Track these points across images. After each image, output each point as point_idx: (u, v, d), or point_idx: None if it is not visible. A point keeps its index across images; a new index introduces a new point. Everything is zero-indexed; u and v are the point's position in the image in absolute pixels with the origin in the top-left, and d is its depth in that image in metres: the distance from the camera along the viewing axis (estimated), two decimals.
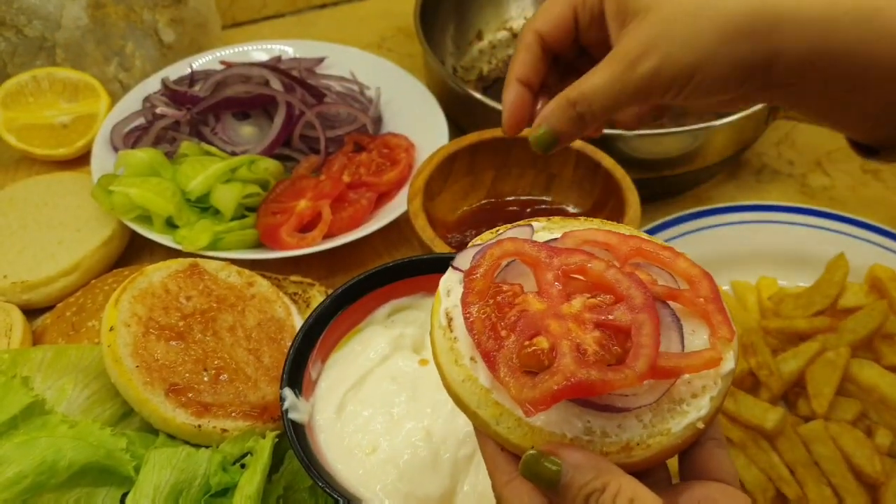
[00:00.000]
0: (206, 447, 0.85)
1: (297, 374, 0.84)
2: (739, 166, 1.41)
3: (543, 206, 1.19)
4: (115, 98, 1.39)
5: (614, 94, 0.70)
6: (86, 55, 1.40)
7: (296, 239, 1.16)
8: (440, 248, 1.02)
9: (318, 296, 1.06)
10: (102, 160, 1.28)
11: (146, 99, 1.38)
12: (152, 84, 1.41)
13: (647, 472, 0.55)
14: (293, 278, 1.10)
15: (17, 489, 0.77)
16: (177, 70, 1.43)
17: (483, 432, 0.56)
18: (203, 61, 1.46)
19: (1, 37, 1.36)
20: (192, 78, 1.41)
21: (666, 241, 1.19)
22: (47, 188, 1.25)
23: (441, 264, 0.91)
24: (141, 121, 1.35)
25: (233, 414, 0.88)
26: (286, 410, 0.80)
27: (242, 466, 0.84)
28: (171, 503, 0.81)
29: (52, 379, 0.90)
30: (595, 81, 0.71)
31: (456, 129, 1.31)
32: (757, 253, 1.17)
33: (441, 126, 1.31)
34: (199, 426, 0.87)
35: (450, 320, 0.58)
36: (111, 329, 0.89)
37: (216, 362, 0.92)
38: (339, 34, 1.62)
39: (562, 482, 0.51)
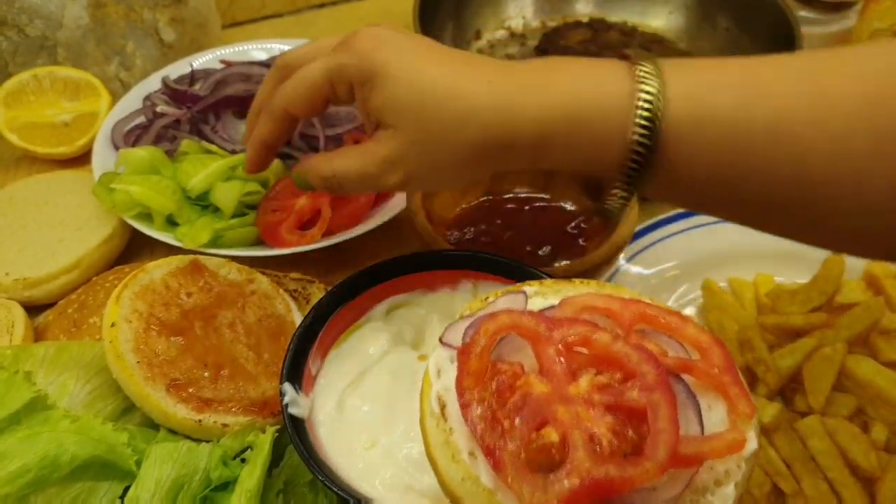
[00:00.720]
0: (207, 442, 0.86)
1: (296, 369, 0.84)
2: None
3: (542, 204, 1.19)
4: (115, 97, 1.40)
5: (363, 185, 0.80)
6: (87, 54, 1.41)
7: (295, 236, 1.17)
8: (439, 245, 1.03)
9: (317, 293, 1.07)
10: (103, 158, 1.28)
11: (147, 98, 1.39)
12: (153, 83, 1.41)
13: None
14: (293, 275, 1.11)
15: (20, 483, 0.78)
16: (177, 69, 1.44)
17: None
18: (203, 60, 1.46)
19: (2, 36, 1.37)
20: (193, 77, 1.42)
21: (664, 238, 1.21)
22: (48, 186, 1.26)
23: (440, 261, 0.93)
24: (142, 119, 1.36)
25: (233, 409, 0.89)
26: (286, 405, 0.81)
27: (243, 461, 0.84)
28: (173, 497, 0.82)
29: (54, 374, 0.91)
30: (348, 166, 0.79)
31: None
32: (754, 250, 1.18)
33: None
34: (200, 421, 0.87)
35: (443, 407, 0.53)
36: (112, 325, 0.90)
37: (217, 358, 0.92)
38: (337, 33, 1.62)
39: None
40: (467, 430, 0.50)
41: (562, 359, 0.52)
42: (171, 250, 1.13)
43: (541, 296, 0.60)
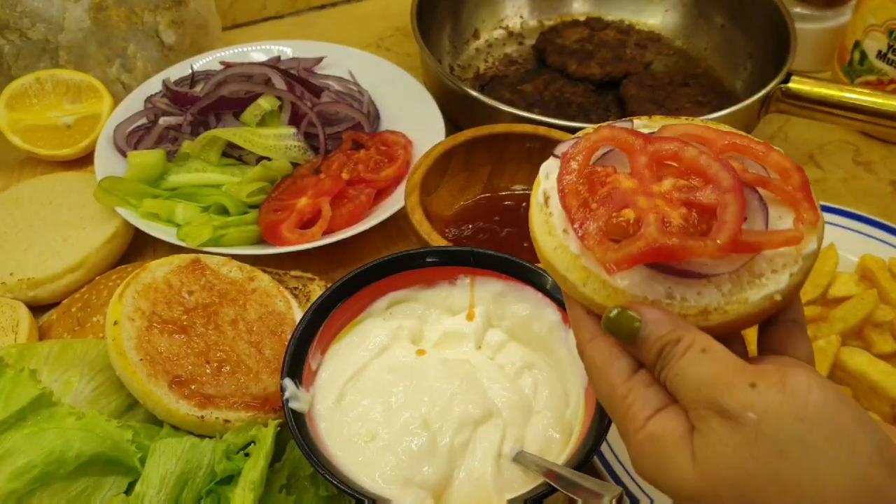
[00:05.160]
0: (210, 438, 0.87)
1: (297, 364, 0.85)
2: None
3: None
4: (117, 99, 1.41)
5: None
6: (88, 57, 1.42)
7: (296, 235, 1.18)
8: (437, 242, 1.04)
9: (317, 290, 1.08)
10: (105, 160, 1.30)
11: (148, 99, 1.40)
12: (154, 85, 1.43)
13: (724, 343, 0.56)
14: (293, 273, 1.12)
15: (26, 479, 0.79)
16: (178, 71, 1.45)
17: (571, 296, 0.60)
18: (204, 62, 1.48)
19: (5, 40, 1.39)
20: (193, 78, 1.43)
21: None
22: (52, 187, 1.27)
23: (438, 257, 0.94)
24: (143, 121, 1.37)
25: (235, 405, 0.91)
26: (287, 400, 0.82)
27: (246, 455, 0.86)
28: (178, 492, 0.83)
29: (58, 372, 0.92)
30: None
31: (452, 126, 1.32)
32: None
33: (438, 123, 1.33)
34: (203, 417, 0.89)
35: (546, 199, 0.62)
36: (115, 323, 0.91)
37: (218, 355, 0.94)
38: (337, 34, 1.64)
39: (640, 335, 0.55)
40: (563, 213, 0.59)
41: (651, 167, 0.59)
42: (173, 249, 1.15)
43: (646, 127, 0.65)
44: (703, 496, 0.53)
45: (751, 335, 0.63)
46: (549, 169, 0.64)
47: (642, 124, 0.65)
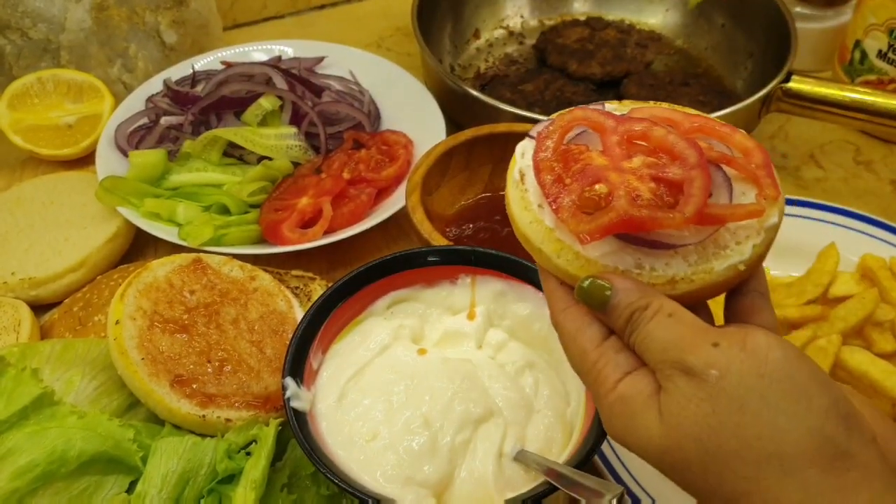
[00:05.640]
0: (212, 437, 0.88)
1: (298, 363, 0.86)
2: None
3: None
4: (118, 99, 1.41)
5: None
6: (90, 57, 1.42)
7: (297, 234, 1.18)
8: (438, 241, 1.04)
9: (319, 289, 1.08)
10: (107, 160, 1.30)
11: (149, 99, 1.40)
12: (155, 84, 1.43)
13: (692, 312, 0.59)
14: (295, 272, 1.12)
15: (28, 477, 0.80)
16: (179, 71, 1.45)
17: (545, 268, 0.63)
18: (205, 62, 1.48)
19: (6, 40, 1.39)
20: (195, 78, 1.44)
21: None
22: (53, 187, 1.27)
23: (439, 256, 0.94)
24: (144, 121, 1.38)
25: (236, 404, 0.91)
26: (288, 399, 0.82)
27: (248, 454, 0.86)
28: (179, 491, 0.83)
29: (60, 371, 0.92)
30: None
31: (453, 125, 1.32)
32: None
33: (438, 123, 1.33)
34: (204, 416, 0.89)
35: (522, 176, 0.64)
36: (117, 323, 0.92)
37: (220, 354, 0.94)
38: (338, 34, 1.64)
39: (611, 303, 0.58)
40: (538, 189, 0.61)
41: (622, 146, 0.61)
42: (175, 249, 1.15)
43: (617, 110, 0.68)
44: (668, 451, 0.55)
45: (717, 308, 0.64)
46: (525, 148, 0.66)
47: (613, 108, 0.67)
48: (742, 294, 0.62)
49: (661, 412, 0.55)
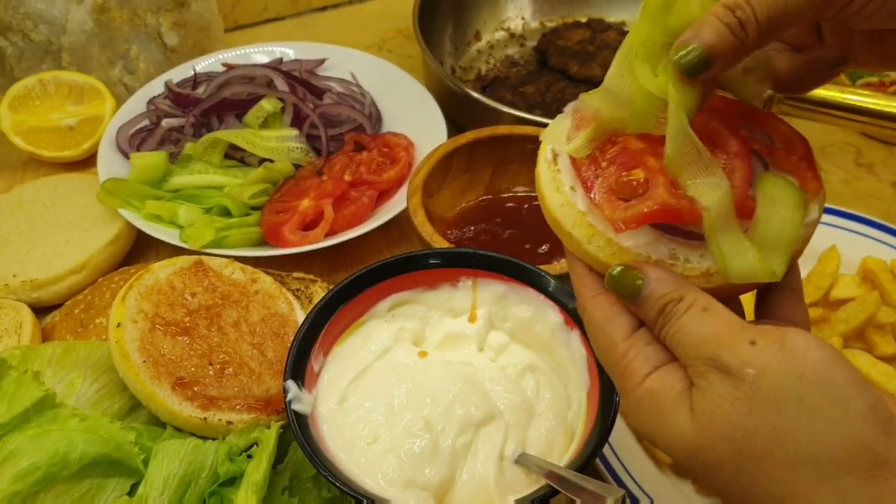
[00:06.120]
0: (213, 440, 0.88)
1: (300, 366, 0.86)
2: None
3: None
4: (119, 100, 1.42)
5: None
6: (91, 59, 1.42)
7: (298, 237, 1.18)
8: (439, 243, 1.04)
9: (320, 292, 1.08)
10: (108, 161, 1.30)
11: (150, 101, 1.41)
12: (156, 86, 1.43)
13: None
14: (296, 275, 1.12)
15: (30, 480, 0.80)
16: (180, 73, 1.45)
17: (574, 253, 0.60)
18: (206, 64, 1.48)
19: (8, 41, 1.39)
20: (196, 80, 1.44)
21: None
22: (55, 189, 1.27)
23: (440, 259, 0.94)
24: (146, 123, 1.38)
25: (238, 407, 0.91)
26: (289, 402, 0.82)
27: (249, 457, 0.86)
28: (181, 493, 0.83)
29: (61, 374, 0.92)
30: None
31: (454, 127, 1.33)
32: None
33: (440, 125, 1.33)
34: (205, 419, 0.89)
35: (555, 156, 0.62)
36: (119, 325, 0.92)
37: (221, 357, 0.94)
38: (339, 36, 1.65)
39: (643, 293, 0.56)
40: (572, 171, 0.59)
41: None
42: (176, 251, 1.15)
43: None
44: (700, 449, 0.54)
45: (748, 304, 0.64)
46: (559, 124, 0.63)
47: None
48: (775, 290, 0.61)
49: (692, 410, 0.54)
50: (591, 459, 0.78)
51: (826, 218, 1.21)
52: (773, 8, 0.55)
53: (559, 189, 0.60)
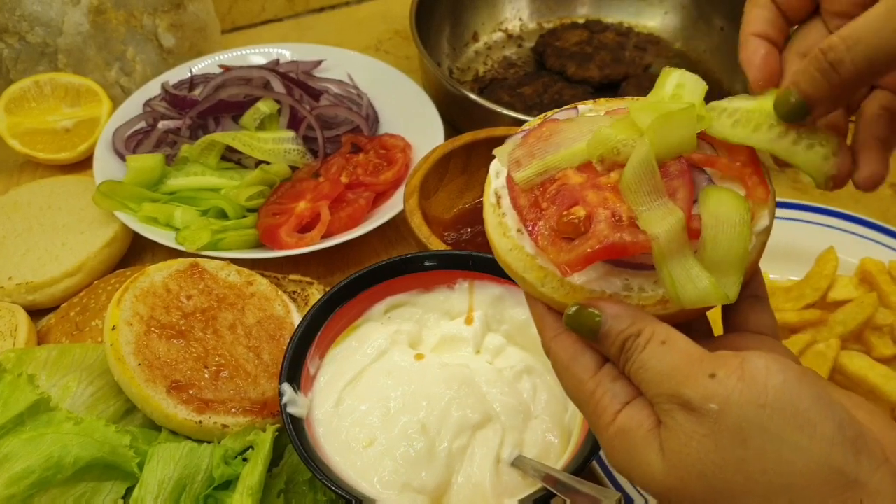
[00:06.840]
0: (208, 442, 0.87)
1: (295, 369, 0.86)
2: None
3: None
4: (116, 102, 1.41)
5: (885, 34, 0.52)
6: (87, 60, 1.42)
7: (295, 239, 1.18)
8: (436, 245, 1.04)
9: (316, 294, 1.08)
10: (104, 164, 1.30)
11: (147, 103, 1.40)
12: (153, 88, 1.43)
13: (689, 325, 0.58)
14: (292, 277, 1.12)
15: (24, 484, 0.79)
16: (177, 74, 1.45)
17: (531, 295, 0.61)
18: (203, 65, 1.48)
19: (4, 43, 1.39)
20: (192, 82, 1.43)
21: None
22: (51, 191, 1.27)
23: (437, 261, 0.94)
24: (142, 125, 1.37)
25: (233, 410, 0.90)
26: (285, 405, 0.82)
27: (244, 460, 0.86)
28: (176, 497, 0.83)
29: (56, 377, 0.92)
30: (859, 22, 0.54)
31: (452, 129, 1.32)
32: None
33: (437, 126, 1.33)
34: (201, 422, 0.88)
35: (498, 198, 0.61)
36: (114, 328, 0.91)
37: (216, 360, 0.94)
38: (336, 37, 1.64)
39: (602, 330, 0.56)
40: (515, 213, 0.59)
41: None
42: (172, 253, 1.15)
43: (593, 112, 0.65)
44: (672, 489, 0.53)
45: (715, 314, 0.63)
46: (498, 168, 0.63)
47: (587, 109, 0.65)
48: (739, 299, 0.60)
49: (662, 448, 0.53)
50: (588, 462, 0.78)
51: (824, 219, 1.20)
52: (870, 51, 0.53)
53: (506, 234, 0.59)
